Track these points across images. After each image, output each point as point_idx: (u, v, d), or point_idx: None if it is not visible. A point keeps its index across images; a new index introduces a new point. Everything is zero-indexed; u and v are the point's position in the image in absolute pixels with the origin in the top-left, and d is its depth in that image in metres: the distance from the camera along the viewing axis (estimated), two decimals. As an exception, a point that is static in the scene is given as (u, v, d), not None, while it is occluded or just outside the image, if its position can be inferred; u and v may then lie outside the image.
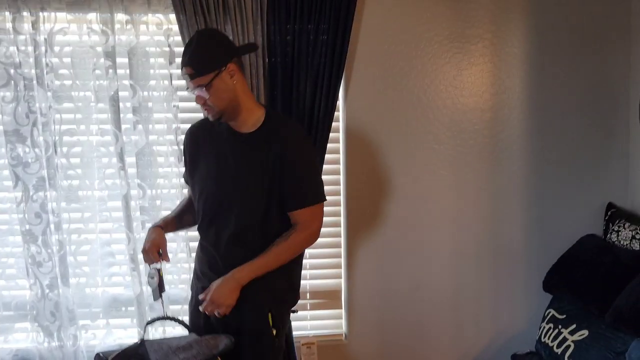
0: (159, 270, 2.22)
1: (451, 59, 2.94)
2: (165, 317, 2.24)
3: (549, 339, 2.75)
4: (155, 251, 2.18)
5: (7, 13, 2.60)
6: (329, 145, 2.81)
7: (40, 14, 2.62)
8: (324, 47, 2.73)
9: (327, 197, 2.86)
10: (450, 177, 2.98)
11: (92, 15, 2.67)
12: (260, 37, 2.68)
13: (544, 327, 2.82)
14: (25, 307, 2.74)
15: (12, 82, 2.62)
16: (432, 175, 2.97)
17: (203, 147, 2.25)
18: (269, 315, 2.18)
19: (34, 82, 2.63)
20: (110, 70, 2.66)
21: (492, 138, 2.99)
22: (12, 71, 2.62)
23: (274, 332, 2.19)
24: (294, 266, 2.28)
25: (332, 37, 2.73)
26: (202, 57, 2.04)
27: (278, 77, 2.73)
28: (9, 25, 2.61)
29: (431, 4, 2.90)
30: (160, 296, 2.24)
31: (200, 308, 2.14)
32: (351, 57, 2.84)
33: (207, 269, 2.24)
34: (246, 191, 2.14)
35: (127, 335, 2.79)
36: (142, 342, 2.10)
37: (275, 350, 2.22)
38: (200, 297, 2.15)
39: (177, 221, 2.35)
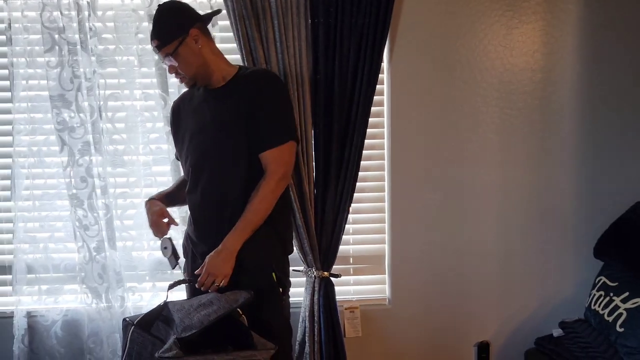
0: (170, 240, 2.34)
1: (501, 17, 2.82)
2: (186, 280, 2.31)
3: (599, 306, 2.67)
4: (162, 221, 2.30)
5: (50, -23, 2.60)
6: (372, 109, 2.74)
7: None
8: (368, 6, 2.65)
9: (370, 162, 2.90)
10: (498, 141, 2.89)
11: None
12: (303, -3, 2.62)
13: (594, 295, 2.75)
14: (74, 269, 2.80)
15: (57, 47, 2.62)
16: (479, 138, 2.89)
17: (185, 118, 2.33)
18: (273, 275, 2.23)
19: (78, 46, 2.63)
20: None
21: (543, 100, 2.88)
22: (56, 36, 2.62)
23: (280, 290, 2.27)
24: (279, 217, 2.28)
25: (376, -4, 2.65)
26: (164, 28, 2.17)
27: (320, 39, 2.67)
28: (52, -11, 2.61)
29: (480, -40, 2.78)
30: (177, 263, 2.34)
31: (197, 285, 2.17)
32: (396, 16, 2.75)
33: (198, 235, 2.30)
34: (222, 140, 2.19)
35: (173, 297, 2.82)
36: (165, 304, 2.13)
37: (285, 309, 2.32)
38: (196, 272, 2.19)
39: (171, 197, 2.42)
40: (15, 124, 2.70)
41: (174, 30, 2.15)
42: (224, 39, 2.74)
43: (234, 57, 2.70)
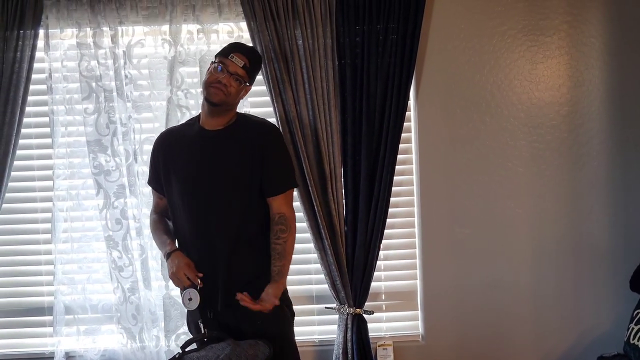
0: (197, 290, 2.25)
1: (525, 53, 2.85)
2: (200, 338, 2.27)
3: (638, 340, 2.62)
4: (189, 271, 2.28)
5: (88, 29, 2.72)
6: (400, 146, 2.78)
7: (119, 28, 2.73)
8: (393, 46, 2.71)
9: (400, 198, 2.92)
10: (528, 175, 2.89)
11: (166, 27, 2.74)
12: (330, 40, 2.69)
13: (633, 329, 2.69)
14: (111, 309, 2.85)
15: (94, 94, 2.73)
16: (509, 173, 2.89)
17: (176, 154, 2.35)
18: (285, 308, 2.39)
19: (114, 93, 2.74)
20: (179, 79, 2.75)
21: (571, 133, 2.88)
22: (93, 84, 2.73)
23: (285, 308, 2.39)
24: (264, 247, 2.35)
25: (401, 36, 2.71)
26: (257, 67, 2.38)
27: (348, 79, 2.73)
28: (90, 40, 2.72)
29: (503, -3, 2.83)
30: (202, 316, 2.29)
31: (248, 305, 2.26)
32: (421, 55, 2.81)
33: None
34: (235, 185, 2.27)
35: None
36: (181, 357, 2.14)
37: (290, 322, 2.43)
38: (241, 297, 2.27)
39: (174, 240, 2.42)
40: (55, 169, 2.79)
41: (255, 74, 2.37)
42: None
43: (263, 100, 2.78)
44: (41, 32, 2.72)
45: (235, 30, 2.76)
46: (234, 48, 2.31)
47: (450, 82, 2.85)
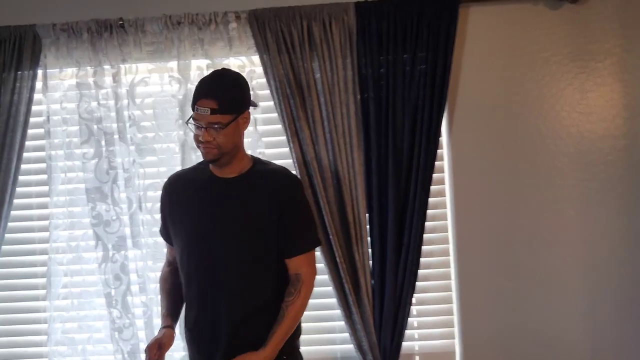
0: None
1: (573, 80, 2.53)
2: None
3: None
4: (155, 347, 1.99)
5: (88, 68, 2.52)
6: (432, 188, 2.48)
7: (122, 65, 2.53)
8: (422, 78, 2.44)
9: (433, 246, 2.60)
10: (579, 218, 2.55)
11: (173, 64, 2.53)
12: (351, 72, 2.44)
13: None
14: (113, 373, 2.58)
15: (94, 138, 2.52)
16: (558, 215, 2.55)
17: (184, 201, 2.07)
18: None
19: (115, 136, 2.52)
20: (180, 121, 2.52)
21: (629, 169, 2.53)
22: (94, 127, 2.52)
23: None
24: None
25: (430, 66, 2.44)
26: (228, 95, 1.93)
27: (371, 115, 2.45)
28: (90, 79, 2.53)
29: (544, 20, 2.53)
30: None
31: None
32: (454, 86, 2.52)
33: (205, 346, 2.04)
34: (250, 242, 1.99)
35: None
36: None
37: None
38: None
39: (174, 309, 2.14)
40: (52, 219, 2.57)
41: (236, 102, 1.94)
42: (267, 120, 2.57)
43: (279, 140, 2.53)
44: (39, 72, 2.53)
45: (247, 64, 2.53)
46: (197, 94, 1.94)
47: (487, 115, 2.55)
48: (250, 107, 2.02)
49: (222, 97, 1.90)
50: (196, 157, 2.51)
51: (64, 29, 2.50)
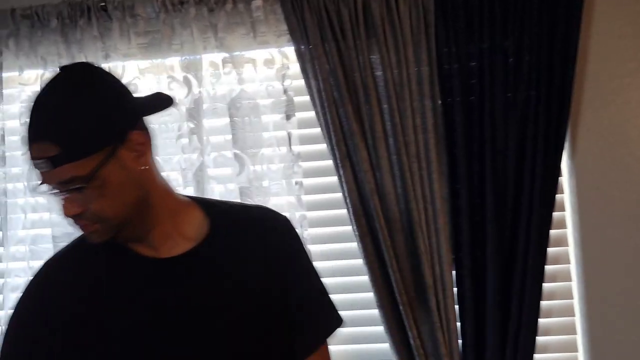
0: None
1: None
2: None
3: None
4: None
5: (58, 68, 1.80)
6: (551, 233, 1.69)
7: (104, 64, 1.81)
8: (533, 72, 1.66)
9: (553, 320, 1.78)
10: None
11: (174, 60, 1.82)
12: (427, 67, 1.69)
13: None
14: None
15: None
16: None
17: (93, 307, 1.07)
18: None
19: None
20: (195, 137, 1.78)
21: None
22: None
23: None
24: None
25: (545, 55, 1.66)
26: (72, 123, 0.97)
27: (458, 128, 1.69)
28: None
29: None
30: None
31: None
32: (579, 85, 1.72)
33: None
34: (236, 344, 1.08)
35: None
36: None
37: None
38: None
39: None
40: (7, 277, 1.85)
41: (102, 127, 0.99)
42: (306, 137, 1.83)
43: (323, 165, 1.78)
44: (-6, 76, 1.85)
45: (276, 59, 1.80)
46: (27, 138, 1.01)
47: (631, 128, 1.75)
48: (151, 114, 1.10)
49: (58, 130, 0.97)
50: (210, 189, 1.78)
51: (26, 15, 1.81)
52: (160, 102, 1.11)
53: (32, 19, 1.81)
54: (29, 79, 1.85)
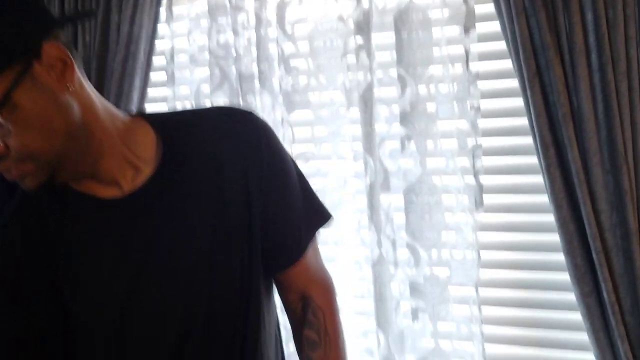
0: None
1: None
2: None
3: None
4: None
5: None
6: None
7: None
8: None
9: None
10: None
11: (341, -31, 1.66)
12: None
13: None
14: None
15: (228, 83, 1.75)
16: None
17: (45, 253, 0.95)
18: None
19: (256, 81, 1.73)
20: (364, 54, 1.62)
21: None
22: (227, 68, 1.75)
23: None
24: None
25: None
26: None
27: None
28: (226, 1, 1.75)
29: None
30: None
31: None
32: None
33: None
34: (215, 274, 0.97)
35: None
36: None
37: None
38: None
39: None
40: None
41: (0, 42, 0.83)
42: (486, 54, 1.58)
43: (505, 87, 1.54)
44: (163, -4, 1.83)
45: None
46: None
47: None
48: (68, 22, 0.99)
49: None
50: (377, 116, 1.64)
51: None
52: (78, 13, 0.98)
53: None
54: (195, -4, 1.82)
